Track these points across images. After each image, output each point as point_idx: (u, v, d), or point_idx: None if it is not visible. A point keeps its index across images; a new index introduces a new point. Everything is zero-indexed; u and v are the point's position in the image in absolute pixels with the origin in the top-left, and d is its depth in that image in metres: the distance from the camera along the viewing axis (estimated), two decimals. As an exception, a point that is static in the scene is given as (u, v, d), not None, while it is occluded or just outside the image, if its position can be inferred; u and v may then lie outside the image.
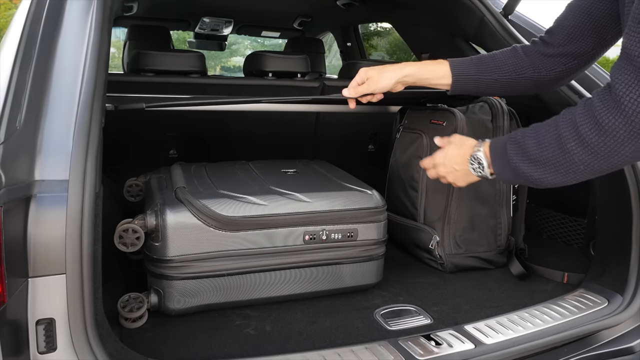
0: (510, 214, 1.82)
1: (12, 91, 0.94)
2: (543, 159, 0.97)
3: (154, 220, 1.32)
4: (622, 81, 0.83)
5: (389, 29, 5.33)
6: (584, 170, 0.93)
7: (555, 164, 0.96)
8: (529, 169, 1.01)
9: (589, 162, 0.91)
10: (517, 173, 1.04)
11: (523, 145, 1.02)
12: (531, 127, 1.03)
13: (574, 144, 0.91)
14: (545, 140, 0.97)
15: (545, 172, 0.98)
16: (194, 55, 2.10)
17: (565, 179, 0.97)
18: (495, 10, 1.90)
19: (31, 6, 1.10)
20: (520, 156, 1.02)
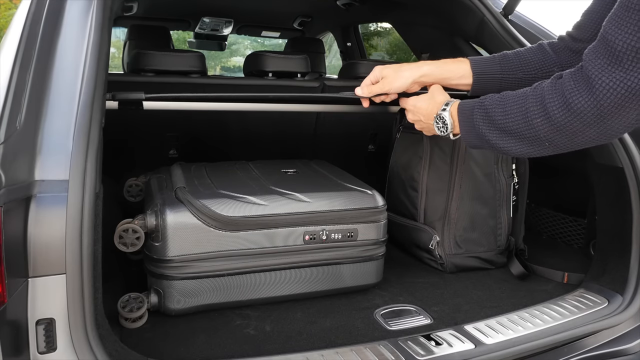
0: (510, 214, 1.82)
1: (12, 91, 0.94)
2: (508, 129, 0.98)
3: (154, 220, 1.32)
4: (596, 65, 0.84)
5: (389, 29, 5.33)
6: (548, 147, 0.94)
7: (520, 136, 0.96)
8: (493, 137, 1.01)
9: (554, 139, 0.92)
10: (481, 139, 1.04)
11: (490, 112, 1.01)
12: (501, 95, 1.02)
13: (540, 120, 0.92)
14: (512, 112, 0.97)
15: (509, 141, 0.98)
16: (194, 55, 2.10)
17: (529, 150, 0.97)
18: (495, 10, 1.90)
19: (31, 6, 1.10)
20: (486, 123, 1.02)
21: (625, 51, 0.79)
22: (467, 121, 1.08)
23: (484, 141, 1.04)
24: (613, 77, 0.81)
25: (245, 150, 2.28)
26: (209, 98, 1.54)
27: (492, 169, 1.77)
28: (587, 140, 0.90)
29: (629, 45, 0.78)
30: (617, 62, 0.81)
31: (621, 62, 0.80)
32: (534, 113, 0.93)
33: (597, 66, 0.84)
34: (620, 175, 1.47)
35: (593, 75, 0.84)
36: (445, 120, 1.14)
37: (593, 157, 1.57)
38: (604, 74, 0.82)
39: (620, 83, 0.81)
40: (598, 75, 0.83)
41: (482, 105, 1.05)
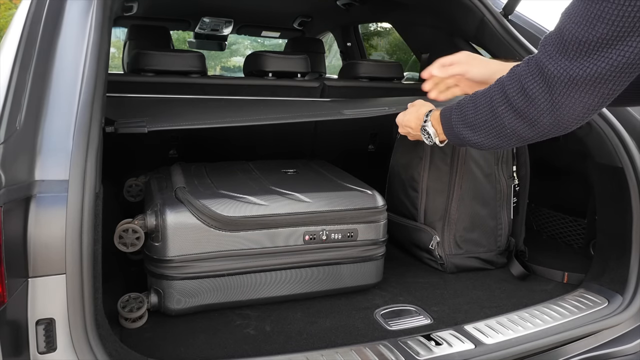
0: (510, 215, 1.82)
1: (12, 91, 0.94)
2: (478, 123, 1.01)
3: (154, 221, 1.32)
4: (547, 52, 0.84)
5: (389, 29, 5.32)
6: (512, 136, 0.96)
7: (488, 128, 0.99)
8: (467, 133, 1.05)
9: (517, 128, 0.94)
10: (460, 137, 1.08)
11: (464, 110, 1.06)
12: (473, 94, 1.06)
13: (504, 107, 0.94)
14: (480, 104, 1.01)
15: (481, 135, 1.02)
16: (194, 55, 2.10)
17: (498, 142, 1.00)
18: (495, 10, 1.90)
19: (31, 6, 1.10)
20: (461, 121, 1.06)
21: (570, 41, 0.79)
22: (447, 124, 1.13)
23: (461, 139, 1.09)
24: (559, 65, 0.82)
25: (245, 150, 2.28)
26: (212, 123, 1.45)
27: (493, 170, 1.77)
28: (545, 130, 0.91)
29: (573, 35, 0.79)
30: (564, 50, 0.81)
31: (567, 51, 0.81)
32: (497, 101, 0.96)
33: (547, 53, 0.85)
34: (620, 175, 1.47)
35: (542, 62, 0.85)
36: (428, 131, 1.21)
37: (593, 157, 1.57)
38: (552, 62, 0.83)
39: (564, 72, 0.81)
40: (546, 62, 0.84)
41: (458, 105, 1.09)
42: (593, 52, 0.78)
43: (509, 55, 1.84)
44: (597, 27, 0.76)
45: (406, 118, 1.33)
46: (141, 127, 1.31)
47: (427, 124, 1.21)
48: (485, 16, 1.90)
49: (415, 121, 1.28)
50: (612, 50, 0.76)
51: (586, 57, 0.79)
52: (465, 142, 1.08)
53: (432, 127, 1.21)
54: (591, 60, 0.78)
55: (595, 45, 0.77)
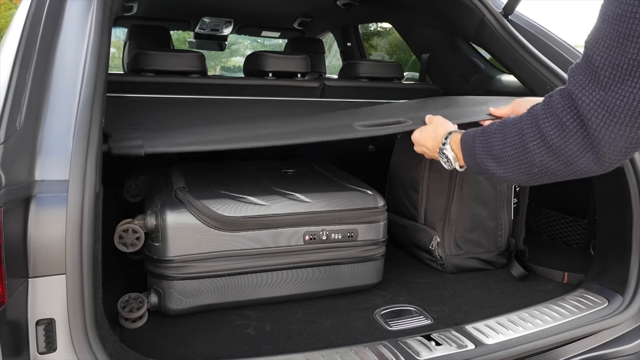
0: (510, 215, 1.82)
1: (12, 91, 0.94)
2: (505, 156, 0.93)
3: (154, 221, 1.32)
4: (577, 82, 0.78)
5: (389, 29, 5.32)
6: (544, 173, 0.88)
7: (517, 163, 0.91)
8: (492, 165, 0.97)
9: (549, 165, 0.86)
10: (482, 168, 1.01)
11: (490, 139, 0.98)
12: (500, 122, 0.99)
13: (536, 142, 0.86)
14: (509, 136, 0.92)
15: (507, 170, 0.94)
16: (194, 55, 2.10)
17: (527, 179, 0.92)
18: (495, 10, 1.90)
19: (31, 6, 1.10)
20: (485, 151, 0.99)
21: (602, 67, 0.73)
22: (469, 150, 1.05)
23: (484, 170, 1.01)
24: (593, 95, 0.75)
25: (245, 151, 2.28)
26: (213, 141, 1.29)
27: (492, 169, 1.77)
28: (584, 169, 0.82)
29: (605, 60, 0.72)
30: (596, 79, 0.74)
31: (599, 79, 0.74)
32: (529, 135, 0.87)
33: (578, 84, 0.78)
34: (620, 175, 1.47)
35: (575, 94, 0.78)
36: (447, 155, 1.13)
37: None
38: (585, 92, 0.76)
39: (601, 103, 0.74)
40: (579, 94, 0.77)
41: (484, 133, 1.01)
42: (628, 77, 0.70)
43: (509, 56, 1.84)
44: (628, 48, 0.69)
45: (422, 137, 1.25)
46: (137, 148, 1.16)
47: (445, 147, 1.13)
48: (485, 16, 1.90)
49: (433, 142, 1.20)
50: None
51: (622, 84, 0.71)
52: (487, 173, 1.00)
53: (451, 151, 1.12)
54: (627, 86, 0.71)
55: (629, 68, 0.70)
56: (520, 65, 1.79)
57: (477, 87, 2.30)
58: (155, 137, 1.21)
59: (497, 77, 2.27)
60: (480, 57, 2.37)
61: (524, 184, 0.98)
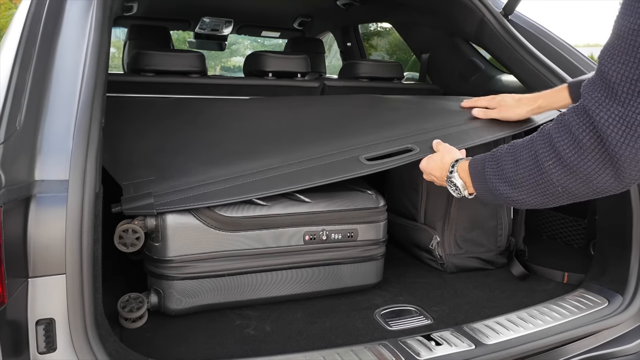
0: (510, 215, 1.82)
1: (12, 91, 0.94)
2: (519, 179, 0.91)
3: (154, 221, 1.32)
4: (593, 99, 0.77)
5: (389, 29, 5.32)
6: (562, 193, 0.86)
7: (532, 185, 0.89)
8: (506, 189, 0.94)
9: (567, 185, 0.84)
10: (495, 194, 0.98)
11: (501, 163, 0.96)
12: (510, 145, 0.97)
13: (552, 162, 0.84)
14: (522, 158, 0.90)
15: (522, 193, 0.92)
16: (194, 55, 2.10)
17: (544, 200, 0.90)
18: (495, 10, 1.90)
19: (31, 6, 1.10)
20: (497, 175, 0.96)
21: (619, 83, 0.72)
22: (479, 176, 1.03)
23: (497, 196, 0.98)
24: (611, 112, 0.74)
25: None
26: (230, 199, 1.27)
27: (492, 169, 1.77)
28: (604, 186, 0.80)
29: (622, 75, 0.71)
30: (613, 95, 0.73)
31: (617, 95, 0.73)
32: (543, 156, 0.85)
33: (594, 100, 0.76)
34: (620, 176, 1.47)
35: (592, 111, 0.77)
36: (456, 183, 1.12)
37: None
38: (602, 109, 0.75)
39: (620, 119, 0.73)
40: (596, 110, 0.76)
41: (493, 157, 0.99)
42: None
43: (509, 56, 1.84)
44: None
45: (430, 166, 1.26)
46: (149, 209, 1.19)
47: (453, 175, 1.12)
48: (485, 16, 1.90)
49: (440, 171, 1.20)
50: None
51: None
52: (501, 199, 0.98)
53: (459, 179, 1.11)
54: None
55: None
56: (520, 65, 1.80)
57: (477, 87, 2.30)
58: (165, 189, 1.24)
59: (497, 77, 2.28)
60: (480, 57, 2.38)
61: (541, 206, 0.93)
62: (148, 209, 1.20)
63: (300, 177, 1.33)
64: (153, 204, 1.20)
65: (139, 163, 1.34)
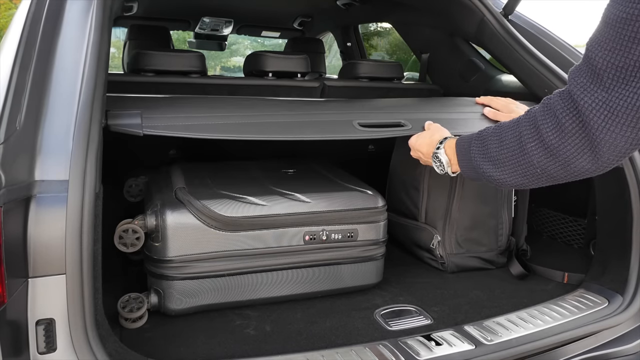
0: (511, 214, 1.82)
1: (12, 91, 0.94)
2: (502, 158, 0.95)
3: (154, 221, 1.32)
4: (579, 84, 0.79)
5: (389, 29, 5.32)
6: (541, 175, 0.89)
7: (514, 165, 0.93)
8: (488, 168, 0.98)
9: (547, 167, 0.87)
10: (477, 171, 1.02)
11: (487, 142, 0.99)
12: (498, 124, 1.00)
13: (534, 144, 0.87)
14: (507, 139, 0.94)
15: (504, 172, 0.95)
16: (194, 55, 2.10)
17: (523, 181, 0.94)
18: (495, 10, 1.90)
19: (31, 6, 1.10)
20: (482, 154, 1.00)
21: (605, 69, 0.74)
22: (464, 155, 1.06)
23: (479, 174, 1.02)
24: (595, 97, 0.76)
25: (246, 150, 2.28)
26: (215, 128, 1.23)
27: (492, 169, 1.77)
28: (581, 170, 0.84)
29: (608, 62, 0.74)
30: (598, 80, 0.76)
31: (602, 80, 0.75)
32: (527, 137, 0.88)
33: (579, 85, 0.79)
34: (620, 175, 1.47)
35: (576, 96, 0.79)
36: (441, 159, 1.16)
37: None
38: (587, 94, 0.77)
39: (603, 104, 0.75)
40: (581, 95, 0.78)
41: (479, 137, 1.03)
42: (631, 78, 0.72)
43: (509, 56, 1.84)
44: (632, 51, 0.71)
45: (418, 142, 1.29)
46: (136, 129, 1.14)
47: (439, 151, 1.16)
48: (485, 16, 1.90)
49: (427, 147, 1.23)
50: None
51: (625, 85, 0.73)
52: (483, 177, 1.02)
53: (445, 155, 1.15)
54: (631, 88, 0.73)
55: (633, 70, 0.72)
56: (520, 65, 1.79)
57: (477, 87, 2.30)
58: (154, 118, 1.18)
59: (497, 77, 2.27)
60: (480, 57, 2.37)
61: (520, 186, 0.98)
62: (135, 128, 1.14)
63: (293, 128, 1.32)
64: (141, 124, 1.14)
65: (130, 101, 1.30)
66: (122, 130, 1.15)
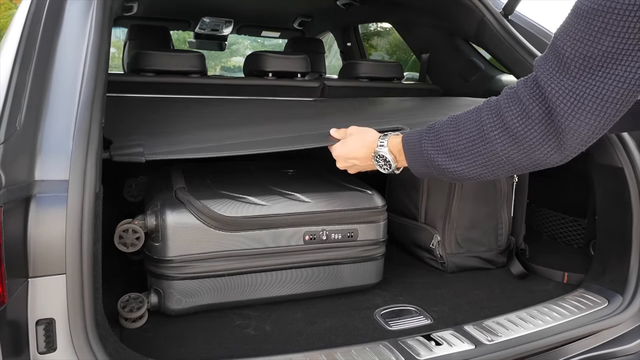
0: (511, 213, 1.82)
1: (12, 91, 0.94)
2: (460, 149, 0.92)
3: (154, 221, 1.32)
4: (546, 72, 0.80)
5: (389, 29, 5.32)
6: (505, 164, 0.88)
7: (474, 155, 0.90)
8: (444, 160, 0.95)
9: (511, 155, 0.86)
10: (429, 165, 0.99)
11: (441, 134, 0.96)
12: (450, 117, 0.98)
13: (498, 132, 0.86)
14: (465, 128, 0.92)
15: (462, 163, 0.93)
16: (194, 55, 2.10)
17: (483, 171, 0.92)
18: (495, 10, 1.90)
19: (31, 6, 1.10)
20: (436, 147, 0.97)
21: (573, 58, 0.75)
22: (413, 150, 1.03)
23: (432, 167, 0.99)
24: (561, 85, 0.77)
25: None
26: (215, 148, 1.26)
27: (492, 169, 1.77)
28: (544, 158, 0.84)
29: (576, 52, 0.74)
30: (565, 69, 0.77)
31: (569, 69, 0.76)
32: (489, 125, 0.87)
33: (546, 73, 0.80)
34: (620, 175, 1.47)
35: (543, 83, 0.80)
36: (386, 157, 1.11)
37: (593, 157, 1.57)
38: (553, 81, 0.78)
39: (569, 92, 0.76)
40: (547, 82, 0.79)
41: (431, 130, 1.00)
42: (599, 68, 0.73)
43: (509, 56, 1.84)
44: (602, 41, 0.71)
45: (349, 148, 1.21)
46: (138, 157, 1.18)
47: (383, 149, 1.10)
48: (485, 16, 1.90)
49: (365, 150, 1.16)
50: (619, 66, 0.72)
51: (592, 75, 0.74)
52: (436, 171, 0.99)
53: (389, 152, 1.10)
54: (597, 77, 0.74)
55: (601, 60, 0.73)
56: (520, 65, 1.80)
57: (477, 87, 2.30)
58: (155, 144, 1.22)
59: (497, 77, 2.27)
60: (480, 57, 2.38)
61: (478, 178, 0.94)
62: (137, 156, 1.18)
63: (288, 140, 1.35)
64: (143, 152, 1.18)
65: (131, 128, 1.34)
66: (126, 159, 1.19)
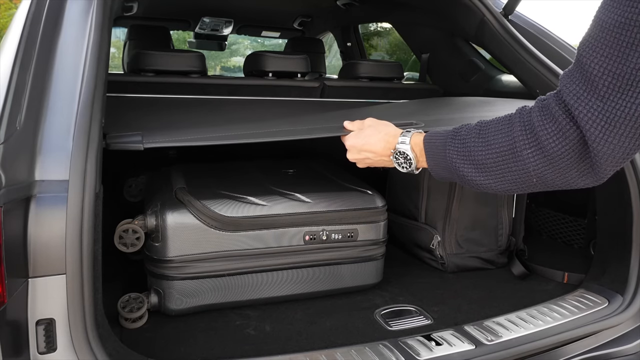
0: (511, 214, 1.82)
1: (12, 91, 0.94)
2: (490, 164, 0.86)
3: (154, 221, 1.32)
4: (572, 92, 0.74)
5: (389, 29, 5.32)
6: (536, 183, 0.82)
7: (504, 171, 0.84)
8: (470, 171, 0.89)
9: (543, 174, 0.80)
10: (453, 173, 0.93)
11: (467, 144, 0.90)
12: (478, 125, 0.91)
13: (532, 150, 0.79)
14: (495, 142, 0.85)
15: (490, 177, 0.87)
16: (194, 55, 2.10)
17: (512, 187, 0.86)
18: (495, 10, 1.90)
19: (31, 6, 1.10)
20: (462, 156, 0.90)
21: (601, 76, 0.69)
22: (436, 153, 0.97)
23: (455, 174, 0.93)
24: (590, 106, 0.71)
25: (245, 150, 2.28)
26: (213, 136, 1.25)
27: (492, 169, 1.77)
28: (578, 177, 0.78)
29: (604, 69, 0.68)
30: (593, 89, 0.70)
31: (597, 89, 0.70)
32: (522, 143, 0.81)
33: (572, 93, 0.73)
34: (620, 175, 1.47)
35: (570, 104, 0.74)
36: (407, 155, 1.02)
37: None
38: (581, 103, 0.72)
39: (599, 114, 0.70)
40: (575, 104, 0.73)
41: (456, 136, 0.93)
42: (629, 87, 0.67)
43: (509, 56, 1.84)
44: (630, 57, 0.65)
45: (365, 141, 1.12)
46: (137, 144, 1.15)
47: (405, 146, 1.02)
48: (485, 16, 1.90)
49: (383, 144, 1.08)
50: None
51: (622, 94, 0.68)
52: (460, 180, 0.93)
53: (412, 150, 1.02)
54: (628, 97, 0.67)
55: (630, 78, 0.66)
56: (520, 65, 1.80)
57: (477, 87, 2.30)
58: (154, 133, 1.19)
59: (497, 77, 2.27)
60: (480, 57, 2.38)
61: (506, 192, 0.89)
62: (135, 144, 1.14)
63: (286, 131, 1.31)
64: (141, 140, 1.14)
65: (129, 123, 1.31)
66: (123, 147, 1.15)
